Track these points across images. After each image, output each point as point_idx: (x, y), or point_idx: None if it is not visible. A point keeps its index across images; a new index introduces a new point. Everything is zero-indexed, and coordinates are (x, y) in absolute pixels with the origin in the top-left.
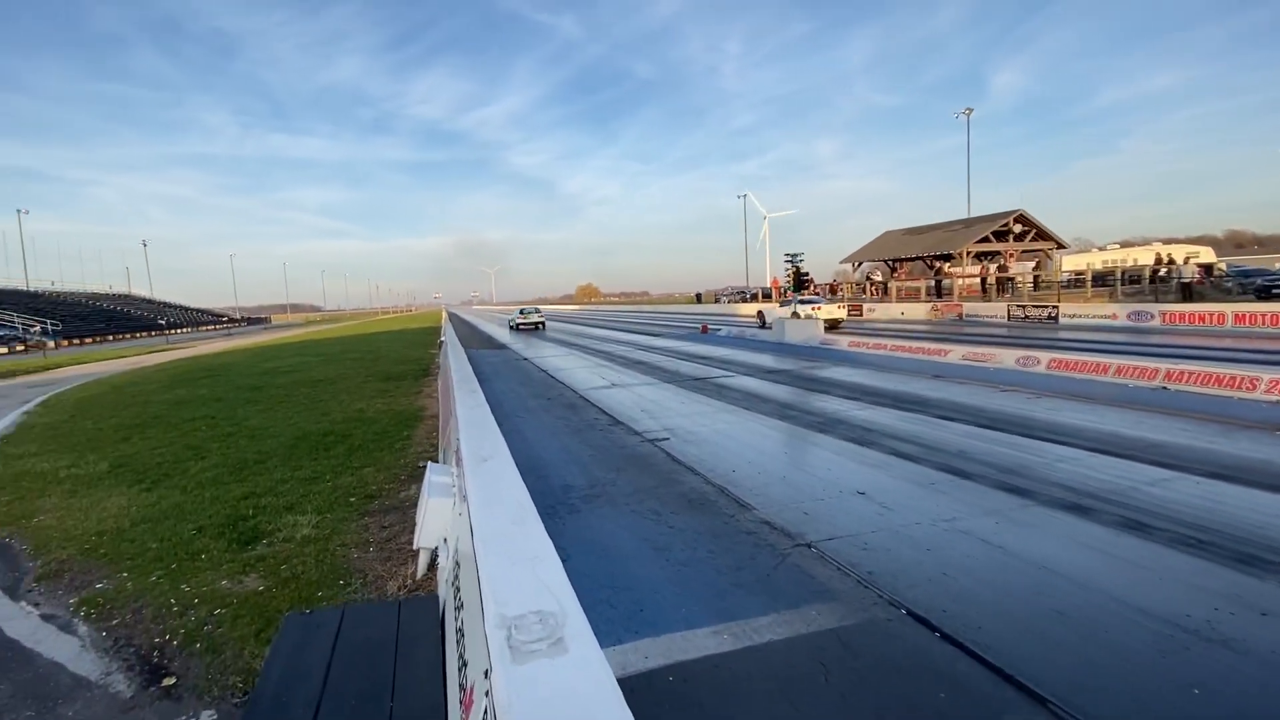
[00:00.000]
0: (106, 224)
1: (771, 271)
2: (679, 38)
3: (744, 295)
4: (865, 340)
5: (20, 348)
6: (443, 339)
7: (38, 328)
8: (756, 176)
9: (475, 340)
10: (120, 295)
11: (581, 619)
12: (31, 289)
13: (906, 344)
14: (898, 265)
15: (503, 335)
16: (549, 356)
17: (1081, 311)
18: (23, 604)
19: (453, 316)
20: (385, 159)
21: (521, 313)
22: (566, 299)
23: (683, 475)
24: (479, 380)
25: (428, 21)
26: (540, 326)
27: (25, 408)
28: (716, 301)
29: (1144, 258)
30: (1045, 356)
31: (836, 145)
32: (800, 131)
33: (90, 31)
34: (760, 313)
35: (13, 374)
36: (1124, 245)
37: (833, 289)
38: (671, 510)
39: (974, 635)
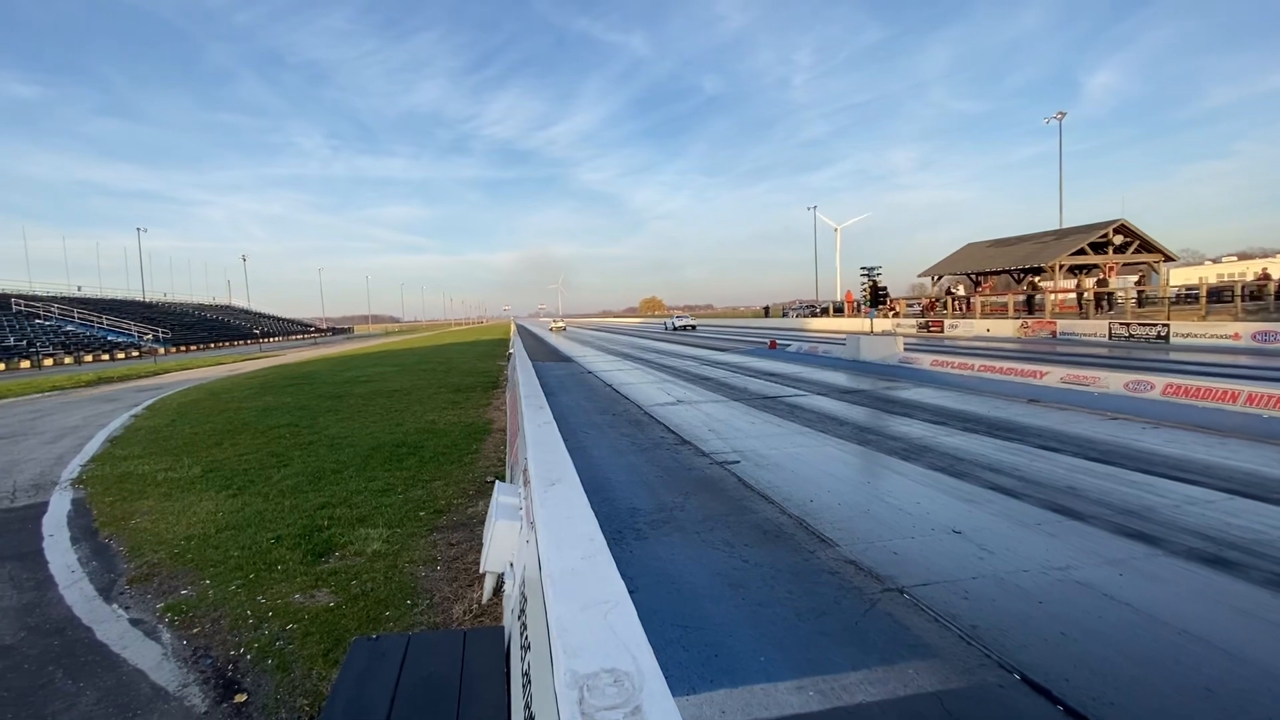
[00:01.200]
0: (213, 240)
1: (843, 285)
2: (748, 51)
3: (813, 310)
4: (949, 359)
5: (135, 354)
6: (511, 350)
7: (150, 335)
8: (827, 188)
9: (542, 353)
10: (222, 306)
11: (660, 682)
12: (146, 300)
13: (996, 364)
14: (982, 279)
15: (569, 348)
16: (613, 371)
17: (1196, 331)
18: (114, 607)
19: (521, 330)
20: (461, 178)
21: (671, 326)
22: (630, 312)
23: (755, 503)
24: (545, 394)
25: (504, 44)
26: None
27: (134, 411)
28: (784, 315)
29: (1275, 270)
30: (1159, 381)
31: (913, 154)
32: (874, 141)
33: (205, 65)
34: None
35: (127, 378)
36: (1241, 257)
37: (929, 305)
38: (745, 542)
39: (1106, 713)
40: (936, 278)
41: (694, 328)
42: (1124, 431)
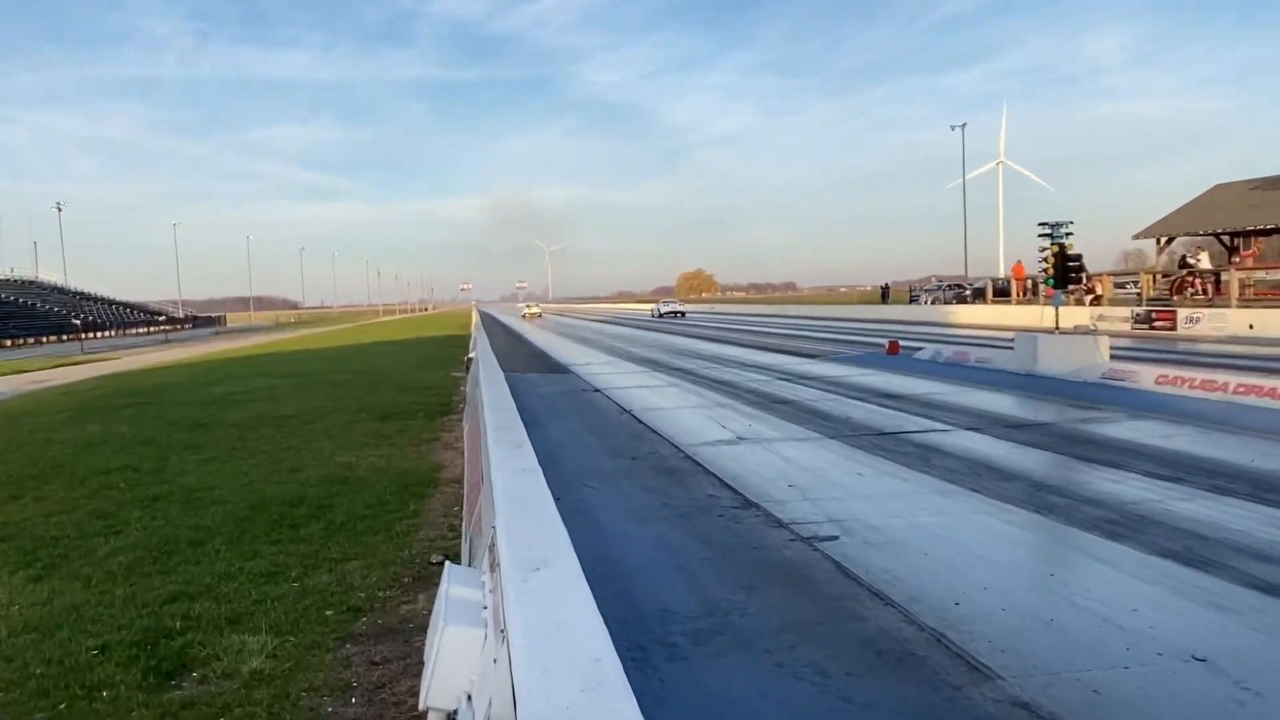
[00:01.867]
0: (11, 178)
1: (1009, 255)
2: None
3: (960, 292)
4: (1185, 374)
5: None
6: (472, 354)
7: None
8: (981, 96)
9: (521, 357)
10: (23, 283)
11: None
12: None
13: (1266, 382)
14: (1239, 243)
15: (563, 351)
16: (635, 388)
17: None
18: None
19: (487, 320)
20: (397, 80)
21: (658, 313)
22: (662, 293)
23: (865, 604)
24: (527, 424)
25: None
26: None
27: None
28: (913, 301)
29: None
30: None
31: (1124, 40)
32: (1058, 19)
33: None
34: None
35: None
36: None
37: (1177, 285)
38: (848, 668)
39: None
40: (1163, 241)
41: (683, 314)
42: None
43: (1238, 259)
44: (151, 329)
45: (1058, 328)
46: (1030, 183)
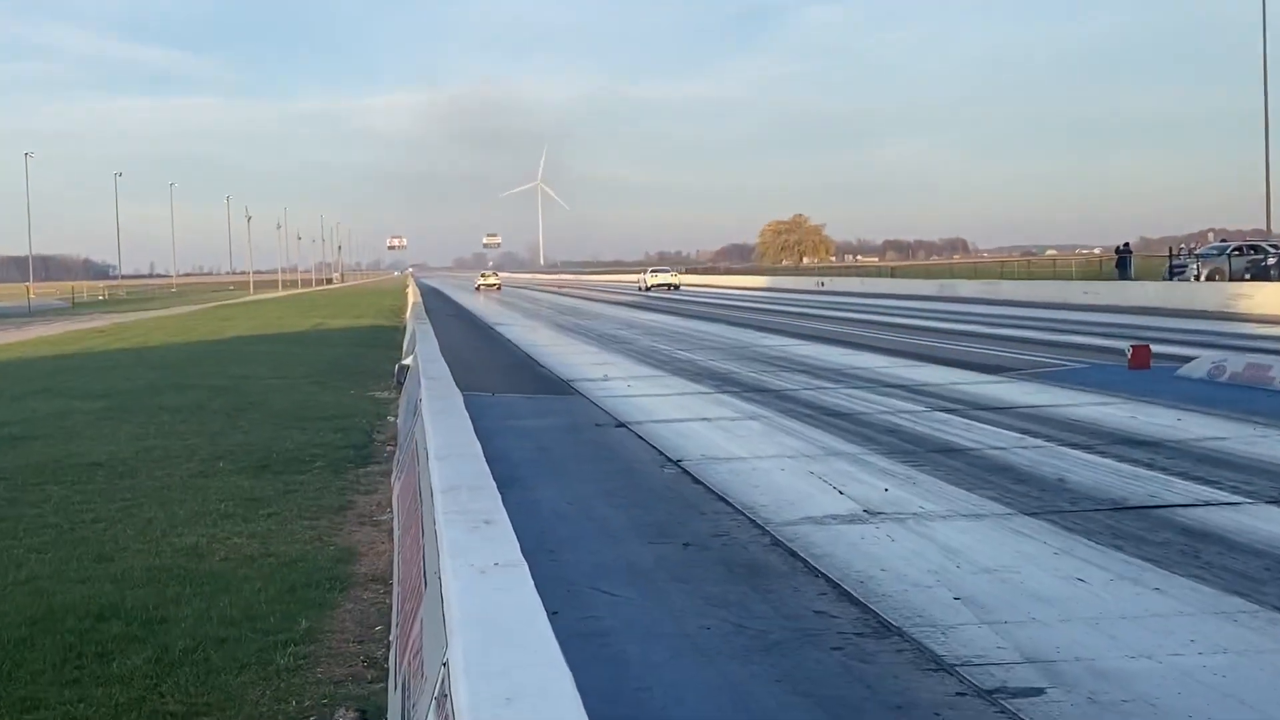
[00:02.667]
0: None
1: None
2: None
3: (1260, 260)
4: None
5: None
6: (407, 359)
7: None
8: None
9: (492, 364)
10: None
11: None
12: None
13: None
14: None
15: (567, 353)
16: (689, 420)
17: None
18: None
19: (433, 298)
20: None
21: (644, 285)
22: (733, 256)
23: None
24: (503, 483)
25: None
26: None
27: None
28: (1175, 274)
29: None
30: None
31: None
32: None
33: None
34: None
35: None
36: None
37: None
38: None
39: None
40: None
41: (677, 287)
42: None
43: None
44: None
45: None
46: None
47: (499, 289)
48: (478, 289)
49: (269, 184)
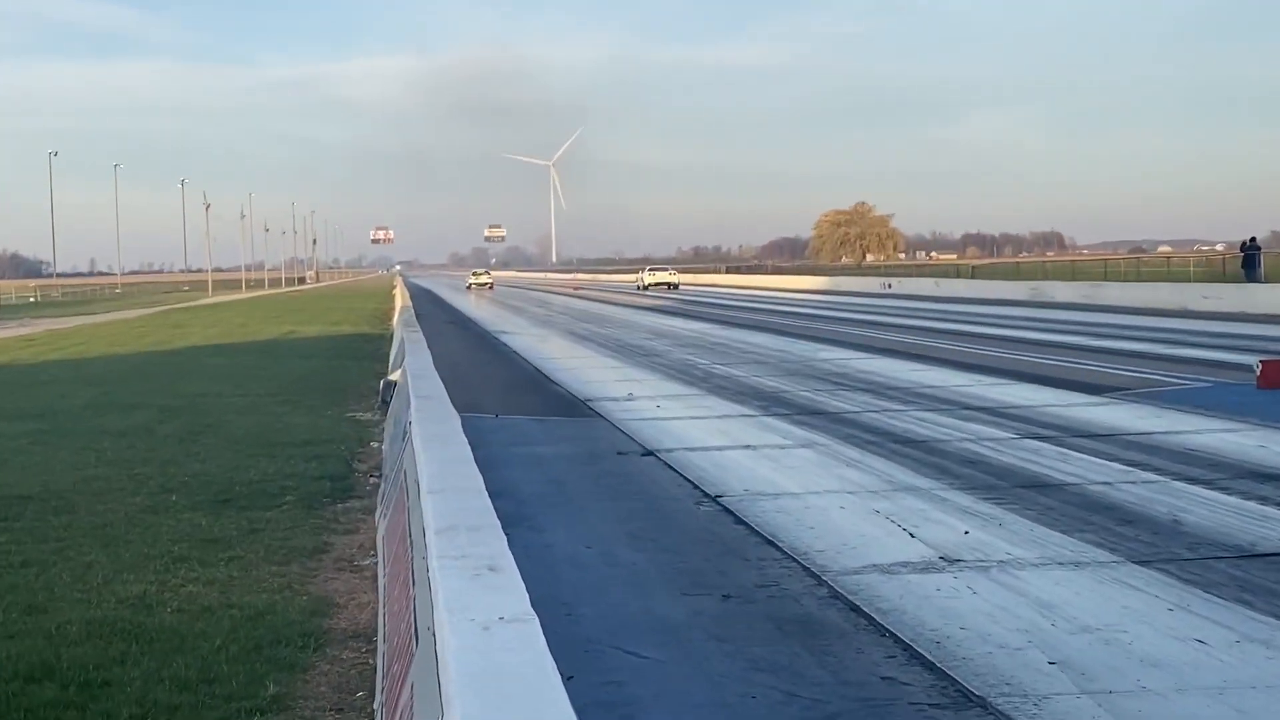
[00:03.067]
0: None
1: None
2: None
3: None
4: None
5: None
6: (394, 375)
7: None
8: None
9: (494, 380)
10: None
11: None
12: None
13: None
14: None
15: (584, 366)
16: (730, 447)
17: None
18: None
19: (425, 301)
20: None
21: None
22: (780, 252)
23: None
24: (509, 522)
25: None
26: None
27: None
28: None
29: None
30: None
31: None
32: None
33: None
34: None
35: None
36: None
37: None
38: None
39: None
40: None
41: (676, 286)
42: None
43: None
44: None
45: None
46: None
47: (491, 287)
48: (469, 288)
49: (231, 166)
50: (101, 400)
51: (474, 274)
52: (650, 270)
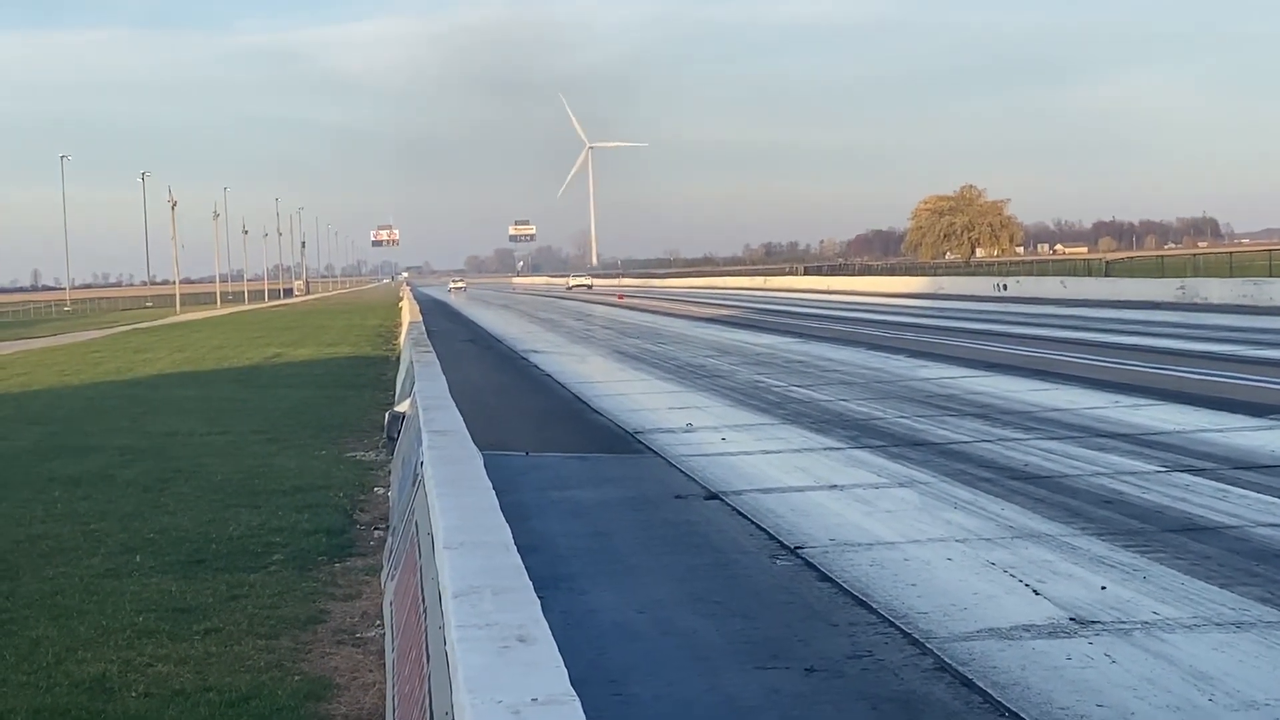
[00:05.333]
0: None
1: None
2: None
3: None
4: None
5: None
6: (402, 405)
7: None
8: None
9: (522, 409)
10: None
11: None
12: None
13: None
14: None
15: (633, 391)
16: (811, 488)
17: None
18: None
19: (438, 315)
20: None
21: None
22: (865, 255)
23: None
24: (543, 584)
25: None
26: None
27: None
28: None
29: None
30: None
31: None
32: None
33: None
34: None
35: None
36: None
37: None
38: None
39: None
40: None
41: (590, 287)
42: None
43: None
44: None
45: None
46: None
47: (464, 290)
48: (451, 290)
49: (201, 156)
50: (49, 442)
51: (454, 281)
52: (574, 274)
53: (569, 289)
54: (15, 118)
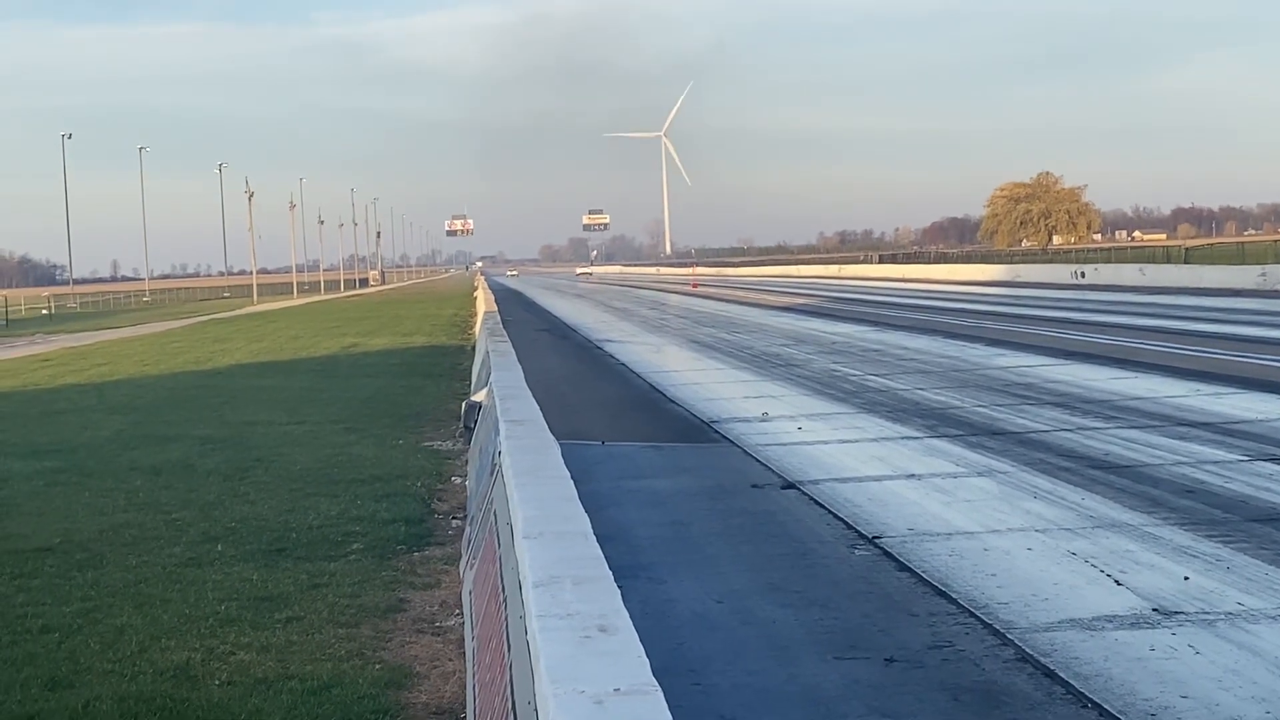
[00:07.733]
0: None
1: None
2: None
3: None
4: None
5: None
6: (478, 395)
7: None
8: None
9: (598, 400)
10: None
11: None
12: None
13: None
14: None
15: (712, 381)
16: (888, 477)
17: None
18: None
19: (513, 304)
20: None
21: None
22: (941, 243)
23: None
24: (621, 572)
25: None
26: None
27: None
28: None
29: None
30: None
31: None
32: None
33: None
34: None
35: None
36: None
37: None
38: None
39: None
40: None
41: (590, 274)
42: None
43: None
44: None
45: None
46: None
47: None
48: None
49: (278, 148)
50: (130, 432)
51: (579, 266)
52: (579, 265)
53: (577, 275)
54: (95, 110)
